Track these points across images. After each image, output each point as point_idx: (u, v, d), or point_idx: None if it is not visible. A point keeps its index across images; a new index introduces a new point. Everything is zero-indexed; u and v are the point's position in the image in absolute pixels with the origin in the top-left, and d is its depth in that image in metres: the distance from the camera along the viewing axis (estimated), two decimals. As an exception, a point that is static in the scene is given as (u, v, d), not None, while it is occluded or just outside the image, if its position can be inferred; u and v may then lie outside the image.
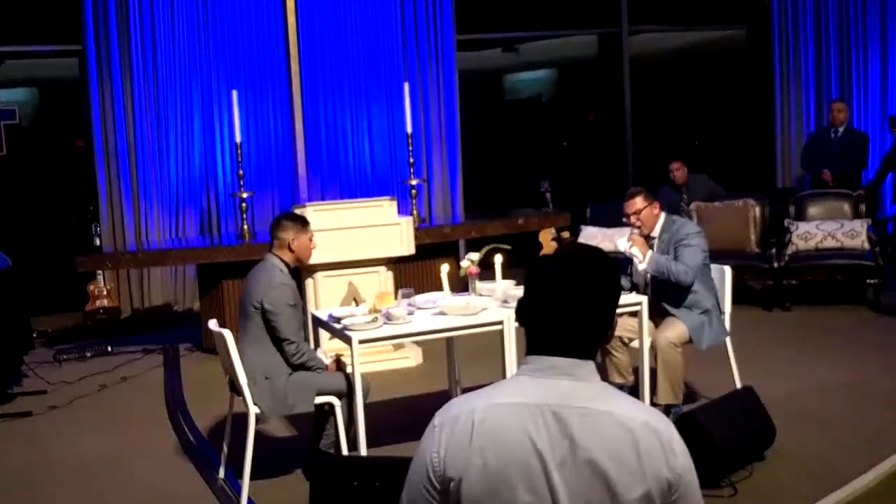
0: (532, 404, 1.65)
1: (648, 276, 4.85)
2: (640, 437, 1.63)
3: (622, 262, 5.06)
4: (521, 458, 1.62)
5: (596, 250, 1.79)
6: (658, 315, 4.85)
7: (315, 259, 4.87)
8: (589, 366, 1.71)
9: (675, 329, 4.73)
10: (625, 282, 4.98)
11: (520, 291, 4.75)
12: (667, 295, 4.81)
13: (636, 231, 4.87)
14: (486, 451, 1.63)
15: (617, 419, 1.64)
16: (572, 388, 1.67)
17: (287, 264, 4.35)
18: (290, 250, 4.35)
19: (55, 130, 9.57)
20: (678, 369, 4.72)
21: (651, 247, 4.86)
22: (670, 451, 1.65)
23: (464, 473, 1.64)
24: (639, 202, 4.87)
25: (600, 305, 1.73)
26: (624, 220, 4.97)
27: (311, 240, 4.43)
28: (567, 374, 1.68)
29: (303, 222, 4.42)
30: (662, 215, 4.93)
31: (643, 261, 4.78)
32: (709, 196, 8.22)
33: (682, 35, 10.87)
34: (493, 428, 1.64)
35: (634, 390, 4.80)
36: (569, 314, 1.70)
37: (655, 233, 4.90)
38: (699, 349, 4.82)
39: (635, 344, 4.82)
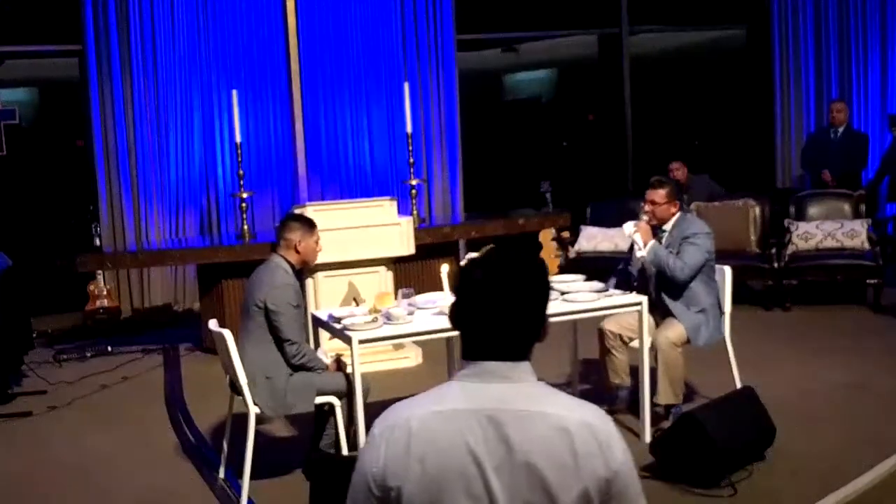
0: (468, 410, 1.66)
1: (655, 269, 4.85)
2: (577, 437, 1.63)
3: (623, 257, 5.07)
4: (459, 465, 1.63)
5: (523, 252, 1.80)
6: (658, 312, 4.85)
7: (315, 259, 4.88)
8: (524, 367, 1.72)
9: (675, 329, 4.74)
10: (632, 269, 4.98)
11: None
12: (666, 287, 4.82)
13: (644, 219, 4.89)
14: (425, 459, 1.64)
15: (552, 420, 1.64)
16: (507, 391, 1.68)
17: (292, 265, 4.36)
18: (297, 251, 4.36)
19: (55, 130, 9.57)
20: (678, 369, 4.72)
21: (659, 239, 4.88)
22: (608, 449, 1.65)
23: (403, 482, 1.65)
24: (661, 195, 4.88)
25: (529, 306, 1.73)
26: (641, 203, 4.99)
27: (317, 242, 4.44)
28: (502, 377, 1.69)
29: (310, 224, 4.43)
30: (678, 213, 4.95)
31: (643, 248, 4.80)
32: (709, 196, 8.22)
33: (682, 35, 10.87)
34: (430, 435, 1.65)
35: (634, 390, 4.80)
36: (498, 317, 1.70)
37: (667, 227, 4.91)
38: (699, 349, 4.82)
39: (635, 343, 4.83)
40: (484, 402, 1.66)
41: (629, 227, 4.90)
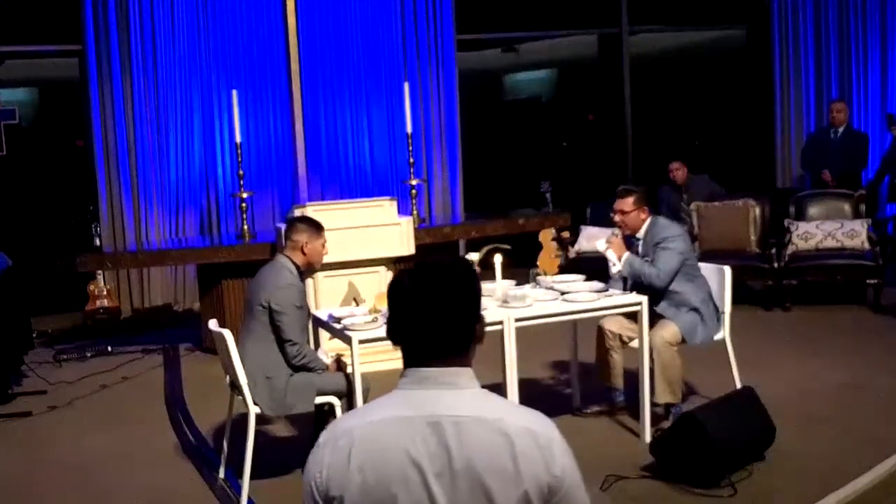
0: (408, 417, 1.66)
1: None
2: (516, 442, 1.63)
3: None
4: (400, 473, 1.63)
5: (451, 258, 1.80)
6: (652, 316, 4.84)
7: (317, 259, 4.87)
8: (464, 372, 1.72)
9: (670, 328, 4.74)
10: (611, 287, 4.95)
11: (519, 291, 4.75)
12: (651, 295, 4.79)
13: (617, 232, 4.88)
14: (365, 469, 1.64)
15: (492, 425, 1.64)
16: (447, 397, 1.68)
17: (297, 266, 4.35)
18: (303, 253, 4.35)
19: (55, 130, 9.57)
20: (676, 368, 4.72)
21: (636, 249, 4.87)
22: (549, 454, 1.64)
23: (344, 492, 1.65)
24: (628, 204, 4.88)
25: (459, 310, 1.73)
26: (611, 214, 4.98)
27: (323, 245, 4.44)
28: (441, 383, 1.69)
29: (317, 227, 4.43)
30: (649, 218, 4.93)
31: (618, 264, 4.80)
32: (709, 196, 8.22)
33: (682, 35, 10.87)
34: (371, 445, 1.66)
35: (633, 391, 4.80)
36: (430, 322, 1.71)
37: (640, 234, 4.92)
38: (699, 349, 4.82)
39: (634, 344, 4.82)
40: (423, 409, 1.66)
41: (601, 244, 4.90)
